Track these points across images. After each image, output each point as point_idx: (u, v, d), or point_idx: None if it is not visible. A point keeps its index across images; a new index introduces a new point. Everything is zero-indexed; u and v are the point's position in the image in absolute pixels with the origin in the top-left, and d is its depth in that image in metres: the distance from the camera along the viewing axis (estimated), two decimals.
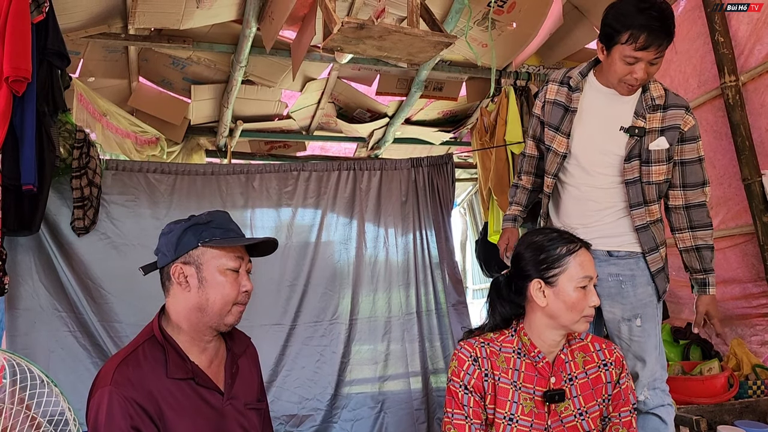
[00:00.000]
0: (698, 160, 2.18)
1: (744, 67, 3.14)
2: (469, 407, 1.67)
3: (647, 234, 2.16)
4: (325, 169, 4.06)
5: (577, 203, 2.24)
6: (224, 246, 1.54)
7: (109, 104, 4.13)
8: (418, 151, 5.70)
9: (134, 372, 1.43)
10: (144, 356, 1.48)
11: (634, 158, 2.13)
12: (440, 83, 4.78)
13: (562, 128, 2.23)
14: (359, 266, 3.97)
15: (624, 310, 2.16)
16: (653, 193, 2.16)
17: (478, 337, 1.76)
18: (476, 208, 6.76)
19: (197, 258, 1.51)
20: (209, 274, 1.51)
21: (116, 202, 3.67)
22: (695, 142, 2.17)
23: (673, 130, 2.12)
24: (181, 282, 1.51)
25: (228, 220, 1.60)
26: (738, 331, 3.50)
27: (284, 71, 4.42)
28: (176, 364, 1.49)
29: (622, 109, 2.16)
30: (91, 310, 3.48)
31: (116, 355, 1.51)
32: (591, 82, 2.23)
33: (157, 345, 1.50)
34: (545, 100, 2.31)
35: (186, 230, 1.52)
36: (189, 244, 1.51)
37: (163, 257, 1.54)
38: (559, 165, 2.24)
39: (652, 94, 2.13)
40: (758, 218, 3.09)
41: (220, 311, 1.52)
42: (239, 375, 1.63)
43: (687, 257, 2.24)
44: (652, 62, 2.01)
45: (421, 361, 3.89)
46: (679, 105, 2.14)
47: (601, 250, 2.17)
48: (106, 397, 1.38)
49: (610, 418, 1.70)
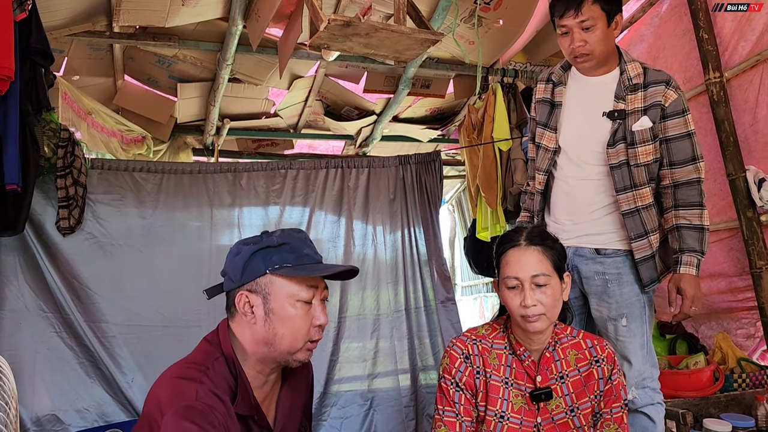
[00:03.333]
0: (686, 135, 2.08)
1: (728, 64, 3.17)
2: (460, 404, 1.68)
3: (635, 219, 2.09)
4: (312, 167, 4.05)
5: (566, 198, 2.22)
6: (296, 276, 1.38)
7: (94, 103, 4.09)
8: (406, 148, 5.69)
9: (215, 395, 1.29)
10: (218, 379, 1.33)
11: (618, 142, 2.08)
12: (428, 80, 4.78)
13: (550, 124, 2.23)
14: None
15: (610, 309, 2.14)
16: (643, 175, 2.09)
17: (470, 335, 1.76)
18: (464, 205, 6.77)
19: (265, 287, 1.36)
20: (278, 305, 1.36)
21: (102, 202, 3.63)
22: (681, 117, 2.07)
23: (655, 108, 2.05)
24: (246, 312, 1.36)
25: (303, 243, 1.42)
26: (724, 325, 3.54)
27: (271, 69, 4.40)
28: (244, 399, 1.35)
29: (602, 95, 2.13)
30: (78, 310, 3.45)
31: (185, 367, 1.34)
32: (573, 73, 2.23)
33: (227, 369, 1.35)
34: (535, 101, 2.32)
35: (254, 254, 1.36)
36: (257, 270, 1.35)
37: (229, 282, 1.39)
38: (550, 161, 2.23)
39: (629, 74, 2.08)
40: (742, 213, 3.12)
41: (290, 348, 1.38)
42: (290, 409, 1.52)
43: (670, 238, 2.15)
44: (583, 27, 1.99)
45: (410, 359, 3.89)
46: (659, 81, 2.07)
47: (589, 248, 2.17)
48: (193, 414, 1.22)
49: (602, 414, 1.71)
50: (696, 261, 2.07)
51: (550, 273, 1.62)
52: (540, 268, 1.62)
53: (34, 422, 3.27)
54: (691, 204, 2.09)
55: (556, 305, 1.64)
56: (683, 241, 2.08)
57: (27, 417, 3.24)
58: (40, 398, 3.32)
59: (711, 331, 3.58)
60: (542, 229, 1.75)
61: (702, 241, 2.08)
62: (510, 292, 1.64)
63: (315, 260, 1.42)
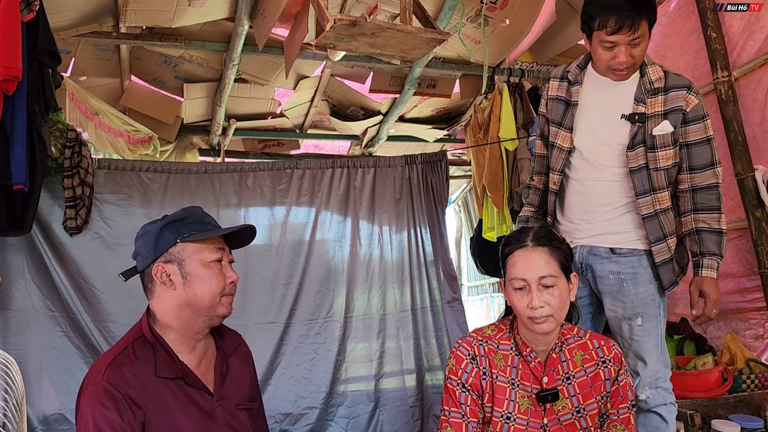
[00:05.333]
0: (706, 140, 2.09)
1: (736, 63, 3.15)
2: (466, 405, 1.67)
3: (654, 223, 2.08)
4: (318, 167, 4.05)
5: (580, 198, 2.20)
6: (203, 239, 1.53)
7: (101, 103, 4.10)
8: (412, 148, 5.69)
9: (128, 369, 1.42)
10: (134, 354, 1.46)
11: (638, 145, 2.07)
12: (434, 80, 4.77)
13: (565, 123, 2.20)
14: (354, 264, 3.96)
15: (625, 308, 2.12)
16: (662, 179, 2.08)
17: (476, 335, 1.76)
18: (471, 205, 6.76)
19: (178, 255, 1.50)
20: (193, 268, 1.50)
21: (109, 202, 3.64)
22: (701, 122, 2.08)
23: (676, 113, 2.05)
24: (165, 281, 1.49)
25: (203, 214, 1.59)
26: (732, 326, 3.52)
27: (277, 69, 4.41)
28: (166, 362, 1.47)
29: (622, 97, 2.11)
30: (84, 310, 3.46)
31: (106, 354, 1.49)
32: (590, 73, 2.19)
33: (146, 344, 1.48)
34: (548, 98, 2.28)
35: (162, 229, 1.51)
36: (168, 242, 1.50)
37: (143, 259, 1.52)
38: (564, 160, 2.20)
39: (650, 77, 2.07)
40: (751, 213, 3.10)
41: (210, 304, 1.51)
42: (230, 375, 1.61)
43: (689, 241, 2.15)
44: (633, 44, 1.96)
45: (416, 359, 3.89)
46: (680, 85, 2.07)
47: (604, 247, 2.15)
48: (100, 394, 1.36)
49: (609, 415, 1.69)
50: (716, 264, 2.09)
51: (557, 274, 1.61)
52: (547, 270, 1.60)
53: (41, 421, 3.28)
54: (711, 208, 2.10)
55: (563, 306, 1.63)
56: (703, 245, 2.10)
57: (34, 416, 3.25)
58: (47, 397, 3.33)
59: (719, 332, 3.56)
60: (549, 229, 1.74)
61: (721, 245, 2.10)
62: (517, 294, 1.63)
63: (216, 227, 1.57)
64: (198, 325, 1.53)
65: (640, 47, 1.98)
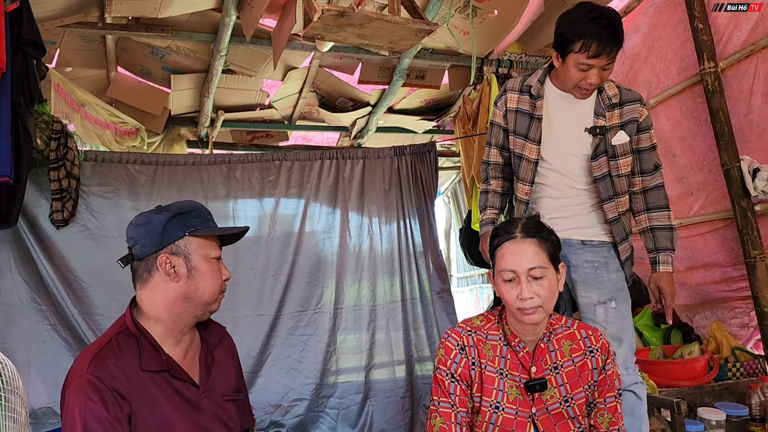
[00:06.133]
0: (653, 147, 2.33)
1: (723, 54, 3.17)
2: (455, 395, 1.68)
3: (619, 225, 2.29)
4: (307, 158, 4.04)
5: (554, 201, 2.36)
6: (209, 235, 1.56)
7: (87, 95, 4.06)
8: (401, 140, 5.68)
9: (112, 362, 1.41)
10: (119, 347, 1.45)
11: (600, 155, 2.26)
12: (422, 71, 4.76)
13: (531, 136, 2.33)
14: (343, 255, 3.96)
15: (600, 293, 2.25)
16: (624, 184, 2.29)
17: (465, 326, 1.76)
18: (460, 196, 6.77)
19: (184, 247, 1.51)
20: (197, 263, 1.52)
21: (96, 194, 3.62)
22: (649, 131, 2.32)
23: (632, 123, 2.26)
24: (169, 272, 1.49)
25: (205, 210, 1.61)
26: (718, 314, 3.55)
27: (265, 60, 4.38)
28: (150, 355, 1.47)
29: (582, 112, 2.29)
30: (72, 303, 3.44)
31: (89, 347, 1.48)
32: (550, 88, 2.34)
33: (130, 337, 1.48)
34: (507, 109, 2.40)
35: (170, 220, 1.51)
36: (176, 233, 1.51)
37: (144, 248, 1.50)
38: (533, 171, 2.34)
39: (608, 93, 2.27)
40: (737, 203, 3.13)
41: (209, 299, 1.54)
42: (215, 366, 1.61)
43: (644, 238, 2.35)
44: (604, 68, 2.13)
45: (406, 350, 3.90)
46: (634, 99, 2.28)
47: (576, 240, 2.31)
48: (85, 387, 1.35)
49: (596, 404, 1.71)
50: (671, 259, 2.29)
51: (546, 265, 1.62)
52: (536, 261, 1.61)
53: (29, 415, 3.26)
54: (661, 206, 2.33)
55: (552, 297, 1.64)
56: (658, 241, 2.30)
57: None
58: (35, 391, 3.32)
59: (705, 321, 3.60)
60: (537, 220, 1.74)
61: (673, 240, 2.31)
62: (506, 285, 1.63)
63: (215, 223, 1.61)
64: (189, 318, 1.54)
65: (608, 71, 2.17)
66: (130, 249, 1.54)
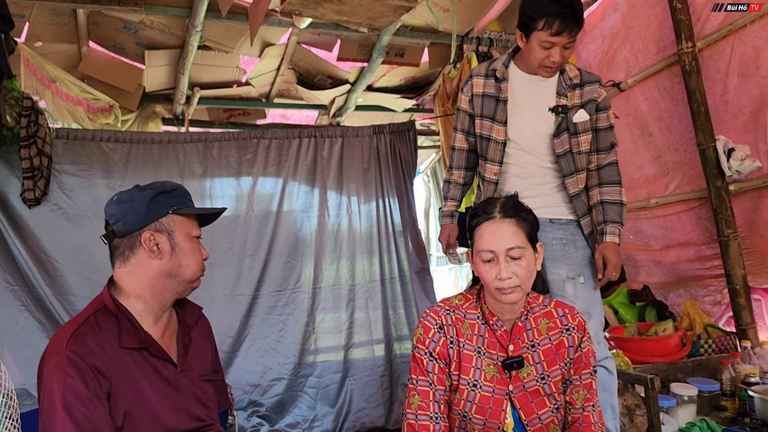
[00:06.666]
0: (610, 126, 2.43)
1: (701, 34, 3.18)
2: (433, 374, 1.68)
3: (580, 200, 2.39)
4: (285, 136, 4.00)
5: (521, 180, 2.42)
6: (191, 215, 1.58)
7: (58, 70, 3.96)
8: (381, 118, 5.64)
9: (91, 339, 1.40)
10: (97, 325, 1.44)
11: (562, 133, 2.36)
12: (402, 49, 4.72)
13: (498, 117, 2.41)
14: (322, 234, 3.95)
15: (569, 269, 2.33)
16: (583, 161, 2.38)
17: (443, 305, 1.77)
18: (439, 175, 6.77)
19: (168, 225, 1.53)
20: (180, 240, 1.54)
21: (68, 172, 3.55)
22: (607, 111, 2.42)
23: (591, 103, 2.37)
24: (153, 249, 1.50)
25: (185, 190, 1.63)
26: (692, 292, 3.62)
27: (242, 36, 4.30)
28: (129, 333, 1.46)
29: (545, 92, 2.39)
30: (45, 283, 3.39)
31: (66, 325, 1.46)
32: (514, 71, 2.43)
33: (109, 315, 1.47)
34: (473, 94, 2.47)
35: (154, 198, 1.52)
36: (160, 211, 1.52)
37: (127, 224, 1.50)
38: (501, 152, 2.41)
39: (569, 74, 2.38)
40: (711, 183, 3.17)
41: (192, 277, 1.56)
42: (192, 346, 1.62)
43: (595, 212, 2.42)
44: (566, 46, 2.23)
45: (385, 329, 3.92)
46: (593, 81, 2.40)
47: (545, 218, 2.35)
48: (64, 363, 1.34)
49: (572, 381, 1.73)
50: (618, 231, 2.35)
51: (524, 245, 1.63)
52: (515, 241, 1.62)
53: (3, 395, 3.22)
54: (613, 182, 2.41)
55: (530, 276, 1.65)
56: (606, 214, 2.37)
57: None
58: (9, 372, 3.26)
59: (679, 299, 3.66)
60: (516, 200, 1.74)
61: (621, 215, 2.37)
62: (485, 265, 1.64)
63: (194, 204, 1.64)
64: (170, 295, 1.55)
65: (569, 50, 2.27)
66: (110, 226, 1.52)
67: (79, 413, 1.31)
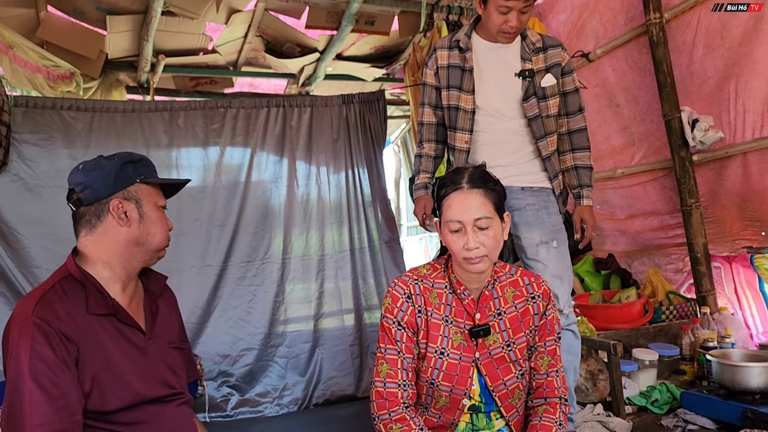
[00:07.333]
0: (576, 90, 2.50)
1: (668, 5, 3.20)
2: (401, 342, 1.70)
3: (551, 162, 2.45)
4: (253, 106, 3.94)
5: (492, 147, 2.45)
6: (158, 183, 1.60)
7: (15, 36, 3.81)
8: (350, 88, 5.57)
9: (58, 305, 1.39)
10: (63, 292, 1.43)
11: (530, 97, 2.40)
12: (372, 17, 4.65)
13: (465, 87, 2.44)
14: (291, 205, 3.92)
15: (542, 233, 2.39)
16: (552, 125, 2.45)
17: (411, 275, 1.78)
18: (410, 145, 6.75)
19: (135, 194, 1.54)
20: (148, 209, 1.55)
21: (28, 142, 3.45)
22: (572, 75, 2.50)
23: (556, 67, 2.43)
24: (121, 217, 1.51)
25: (151, 162, 1.64)
26: (655, 260, 3.70)
27: (207, 2, 4.18)
28: (96, 299, 1.46)
29: (510, 58, 2.43)
30: (8, 255, 3.32)
31: (32, 292, 1.45)
32: (477, 40, 2.46)
33: (75, 282, 1.46)
34: (438, 66, 2.50)
35: (123, 166, 1.53)
36: (128, 179, 1.53)
37: (95, 192, 1.50)
38: (471, 120, 2.44)
39: (531, 39, 2.43)
40: (676, 153, 3.22)
41: (158, 245, 1.58)
42: (159, 314, 1.63)
43: (568, 176, 2.53)
44: (523, 11, 2.29)
45: (355, 298, 3.93)
46: (555, 45, 2.45)
47: (517, 186, 2.42)
48: (31, 329, 1.32)
49: (536, 347, 1.77)
50: (591, 194, 2.50)
51: (491, 215, 1.64)
52: (482, 211, 1.63)
53: None
54: (584, 147, 2.51)
55: (497, 246, 1.67)
56: (581, 179, 2.50)
57: None
58: None
59: (643, 267, 3.74)
60: (484, 170, 1.75)
61: (591, 178, 2.51)
62: (453, 236, 1.65)
63: (158, 175, 1.65)
64: (137, 263, 1.56)
65: (527, 15, 2.33)
66: (76, 194, 1.51)
67: (46, 379, 1.30)
